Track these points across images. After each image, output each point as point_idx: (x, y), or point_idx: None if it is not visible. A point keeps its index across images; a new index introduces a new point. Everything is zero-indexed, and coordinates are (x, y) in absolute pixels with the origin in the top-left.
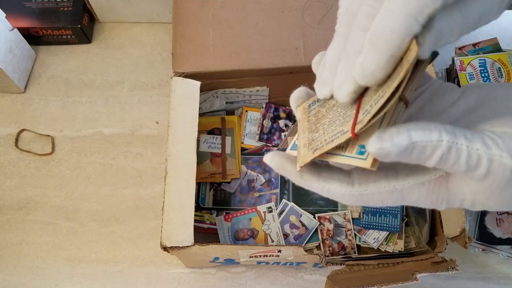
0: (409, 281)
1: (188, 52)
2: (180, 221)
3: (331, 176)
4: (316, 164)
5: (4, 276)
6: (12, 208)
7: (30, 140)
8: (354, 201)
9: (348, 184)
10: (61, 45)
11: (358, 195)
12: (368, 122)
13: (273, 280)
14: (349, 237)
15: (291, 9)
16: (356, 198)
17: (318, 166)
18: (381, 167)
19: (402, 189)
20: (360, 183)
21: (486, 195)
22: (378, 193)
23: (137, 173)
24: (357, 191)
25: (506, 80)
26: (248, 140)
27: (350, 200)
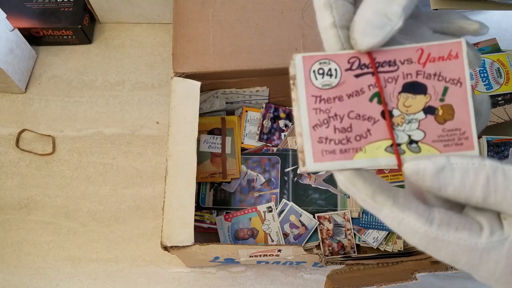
0: (408, 280)
1: (188, 52)
2: (180, 220)
3: (409, 205)
4: (391, 188)
5: (4, 276)
6: (12, 208)
7: (30, 140)
8: (425, 245)
9: (426, 220)
10: (61, 46)
11: (433, 238)
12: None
13: (273, 279)
14: (349, 237)
15: (291, 9)
16: (429, 242)
17: (395, 190)
18: (468, 213)
19: (483, 249)
20: (440, 224)
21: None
22: (455, 244)
23: (137, 173)
24: (434, 232)
25: (505, 81)
26: (248, 140)
27: (420, 241)
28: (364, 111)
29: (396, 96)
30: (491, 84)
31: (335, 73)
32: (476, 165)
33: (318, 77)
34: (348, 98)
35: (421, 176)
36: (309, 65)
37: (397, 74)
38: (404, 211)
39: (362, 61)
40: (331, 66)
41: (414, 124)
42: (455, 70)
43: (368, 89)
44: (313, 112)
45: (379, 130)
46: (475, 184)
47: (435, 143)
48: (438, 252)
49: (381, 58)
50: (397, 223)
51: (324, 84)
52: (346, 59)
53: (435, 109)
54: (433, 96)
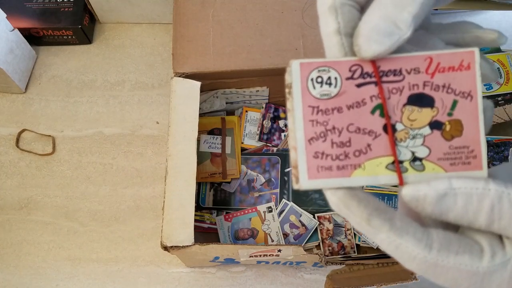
0: (408, 280)
1: (188, 53)
2: (180, 220)
3: (406, 229)
4: (387, 210)
5: (4, 276)
6: (12, 208)
7: (30, 140)
8: (424, 270)
9: (426, 246)
10: (61, 46)
11: (432, 264)
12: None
13: (273, 279)
14: (349, 237)
15: (291, 9)
16: (428, 267)
17: (392, 212)
18: (467, 232)
19: (484, 273)
20: (440, 249)
21: None
22: (456, 269)
23: (137, 173)
24: (433, 258)
25: (505, 81)
26: (248, 140)
27: (419, 266)
28: (364, 124)
29: (401, 109)
30: (491, 84)
31: (335, 82)
32: (480, 190)
33: (316, 86)
34: (348, 110)
35: (421, 203)
36: (307, 72)
37: (403, 84)
38: (402, 236)
39: (365, 70)
40: (331, 74)
41: (418, 140)
42: (466, 82)
43: (370, 100)
44: (310, 124)
45: (381, 145)
46: (478, 211)
47: (441, 161)
48: (437, 278)
49: (385, 67)
50: (394, 248)
51: (322, 94)
52: (347, 66)
53: (442, 124)
54: (440, 110)
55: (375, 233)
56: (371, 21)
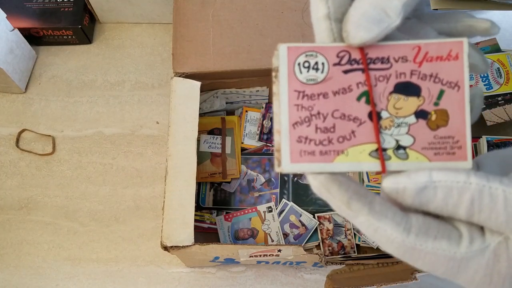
0: (408, 280)
1: (188, 53)
2: (180, 220)
3: (385, 213)
4: (367, 194)
5: (4, 276)
6: (12, 208)
7: (30, 140)
8: (401, 254)
9: (404, 230)
10: (61, 46)
11: (410, 248)
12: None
13: (273, 279)
14: (349, 237)
15: (291, 9)
16: (405, 251)
17: (372, 196)
18: (447, 224)
19: (461, 259)
20: (418, 233)
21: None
22: (433, 254)
23: (137, 173)
24: (411, 242)
25: (505, 81)
26: (248, 140)
27: (397, 250)
28: (350, 110)
29: (387, 97)
30: (491, 84)
31: (322, 67)
32: (460, 184)
33: (303, 71)
34: (333, 96)
35: (401, 194)
36: (294, 57)
37: (390, 72)
38: (381, 219)
39: (353, 56)
40: (318, 59)
41: (403, 129)
42: (454, 72)
43: (356, 87)
44: (294, 109)
45: (365, 132)
46: (458, 204)
47: (425, 151)
48: (415, 262)
49: (373, 54)
50: (372, 231)
51: (308, 79)
52: (335, 52)
53: (428, 113)
54: (427, 99)
55: (354, 216)
56: (361, 8)
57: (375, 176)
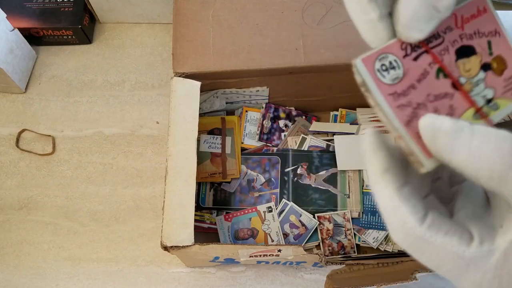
0: (408, 280)
1: (188, 52)
2: (180, 220)
3: (410, 197)
4: (406, 174)
5: (4, 276)
6: (12, 208)
7: (30, 140)
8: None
9: (419, 218)
10: (61, 46)
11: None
12: None
13: (273, 279)
14: (349, 237)
15: (291, 9)
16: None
17: (407, 179)
18: (460, 220)
19: (470, 258)
20: (431, 225)
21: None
22: (442, 249)
23: (137, 173)
24: (422, 231)
25: None
26: (248, 140)
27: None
28: (437, 90)
29: (455, 65)
30: None
31: (396, 64)
32: (501, 135)
33: (384, 74)
34: (419, 84)
35: (436, 131)
36: (371, 65)
37: (446, 44)
38: (403, 200)
39: (413, 43)
40: (390, 58)
41: (481, 85)
42: (489, 23)
43: (430, 67)
44: (398, 110)
45: (459, 102)
46: (494, 153)
47: (506, 94)
48: (421, 254)
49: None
50: (390, 209)
51: (393, 79)
52: (398, 47)
53: (489, 64)
54: (482, 53)
55: (381, 187)
56: (411, 6)
57: None
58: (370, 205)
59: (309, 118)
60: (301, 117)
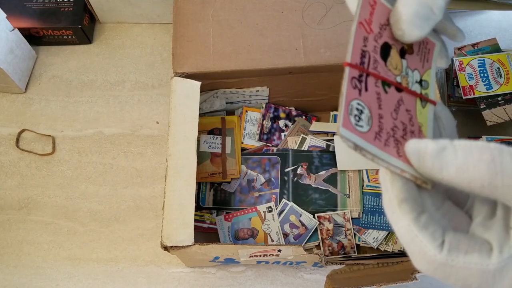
0: (408, 280)
1: (188, 52)
2: (180, 220)
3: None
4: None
5: (4, 276)
6: (12, 208)
7: (30, 140)
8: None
9: (438, 246)
10: (61, 46)
11: (442, 263)
12: None
13: (273, 279)
14: (349, 237)
15: (291, 9)
16: (437, 267)
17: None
18: (476, 231)
19: (495, 270)
20: (450, 249)
21: None
22: (466, 269)
23: (137, 173)
24: (443, 258)
25: (505, 81)
26: (248, 140)
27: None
28: (392, 103)
29: (387, 69)
30: (491, 84)
31: (361, 106)
32: (480, 146)
33: (361, 123)
34: (382, 109)
35: (422, 155)
36: (351, 125)
37: (372, 55)
38: (421, 230)
39: (361, 78)
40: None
41: (409, 72)
42: (383, 10)
43: (377, 87)
44: (387, 148)
45: (408, 100)
46: (479, 163)
47: (424, 66)
48: (447, 278)
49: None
50: (409, 239)
51: (367, 122)
52: (351, 88)
53: (402, 48)
54: (394, 42)
55: (399, 217)
56: (411, 7)
57: (375, 176)
58: (370, 205)
59: (309, 118)
60: (301, 117)
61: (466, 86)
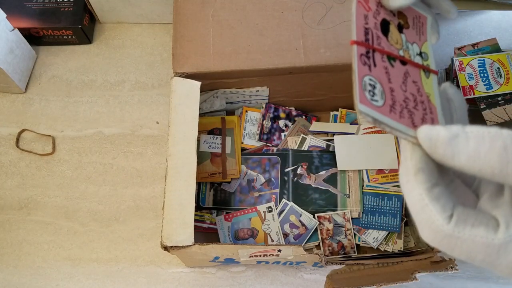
0: (408, 280)
1: (188, 52)
2: (180, 220)
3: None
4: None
5: (4, 276)
6: (13, 208)
7: (30, 140)
8: (438, 240)
9: (447, 217)
10: (61, 46)
11: (448, 234)
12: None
13: (273, 279)
14: (349, 237)
15: (291, 9)
16: (443, 237)
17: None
18: (484, 206)
19: (500, 245)
20: (457, 221)
21: None
22: (471, 241)
23: (137, 173)
24: (450, 229)
25: (505, 81)
26: (248, 140)
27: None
28: (400, 76)
29: (389, 44)
30: (491, 84)
31: (373, 81)
32: (492, 134)
33: (376, 98)
34: (392, 83)
35: (434, 142)
36: (368, 101)
37: (374, 31)
38: (432, 200)
39: (368, 54)
40: (367, 81)
41: (409, 45)
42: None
43: (384, 62)
44: (403, 119)
45: (413, 72)
46: (490, 152)
47: (421, 38)
48: (452, 249)
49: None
50: (419, 207)
51: (381, 96)
52: (361, 65)
53: (399, 23)
54: (391, 18)
55: (413, 186)
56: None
57: (375, 176)
58: (370, 205)
59: (309, 118)
60: (301, 117)
61: (466, 86)
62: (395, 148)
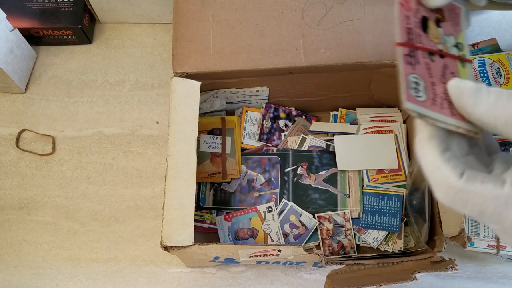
0: (408, 280)
1: (188, 52)
2: (180, 220)
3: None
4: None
5: (4, 276)
6: (12, 208)
7: (30, 140)
8: (452, 196)
9: (458, 174)
10: (61, 46)
11: (460, 189)
12: None
13: (273, 279)
14: (349, 237)
15: (291, 9)
16: (456, 193)
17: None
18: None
19: (508, 195)
20: (468, 177)
21: None
22: (481, 195)
23: (137, 173)
24: (461, 184)
25: (505, 81)
26: (248, 140)
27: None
28: (439, 69)
29: (429, 39)
30: (491, 84)
31: (417, 78)
32: (510, 92)
33: (420, 94)
34: (432, 78)
35: (461, 90)
36: (413, 98)
37: (415, 30)
38: (444, 162)
39: (409, 53)
40: (412, 79)
41: (446, 38)
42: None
43: (425, 58)
44: (443, 110)
45: (451, 64)
46: (507, 105)
47: (456, 29)
48: (464, 204)
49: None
50: (433, 169)
51: (424, 91)
52: (407, 64)
53: (437, 18)
54: (429, 14)
55: (427, 150)
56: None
57: (375, 176)
58: (370, 205)
59: (309, 118)
60: (301, 117)
61: None
62: (395, 148)
